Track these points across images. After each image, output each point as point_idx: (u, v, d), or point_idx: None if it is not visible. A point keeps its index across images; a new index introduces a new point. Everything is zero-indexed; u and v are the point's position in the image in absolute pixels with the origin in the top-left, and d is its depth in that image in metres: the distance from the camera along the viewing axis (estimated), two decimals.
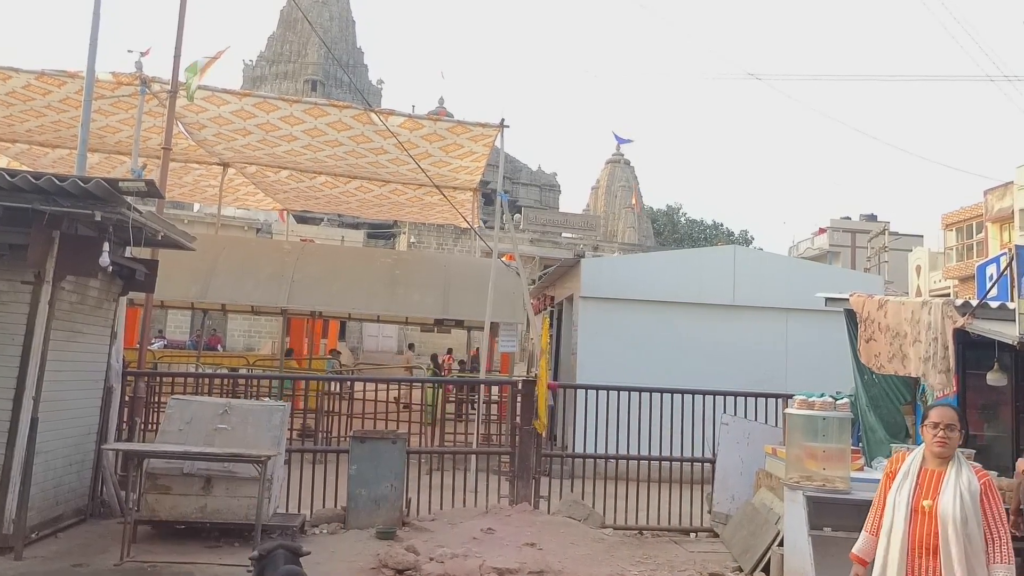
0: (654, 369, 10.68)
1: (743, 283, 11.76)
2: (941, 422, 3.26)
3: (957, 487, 3.18)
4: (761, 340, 11.54)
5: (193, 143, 12.13)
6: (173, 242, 6.89)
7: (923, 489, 3.25)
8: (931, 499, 3.20)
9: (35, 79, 9.71)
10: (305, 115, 10.51)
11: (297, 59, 50.34)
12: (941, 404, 3.49)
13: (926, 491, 3.24)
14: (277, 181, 14.74)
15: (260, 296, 11.70)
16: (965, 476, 3.21)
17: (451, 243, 33.92)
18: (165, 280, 10.21)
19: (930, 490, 3.23)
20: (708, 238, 52.58)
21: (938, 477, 3.24)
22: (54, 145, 12.73)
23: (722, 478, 7.83)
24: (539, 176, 52.63)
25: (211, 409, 6.73)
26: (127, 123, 11.06)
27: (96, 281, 6.60)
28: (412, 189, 14.35)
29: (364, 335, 31.77)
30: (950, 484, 3.20)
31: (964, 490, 3.17)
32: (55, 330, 6.00)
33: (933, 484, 3.24)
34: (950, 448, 3.25)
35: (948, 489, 3.19)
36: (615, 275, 11.85)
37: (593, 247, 35.20)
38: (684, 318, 11.58)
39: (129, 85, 9.66)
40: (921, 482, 3.27)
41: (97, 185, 5.32)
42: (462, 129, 11.07)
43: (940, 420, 3.27)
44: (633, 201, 42.44)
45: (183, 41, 8.77)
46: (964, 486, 3.18)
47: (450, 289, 12.16)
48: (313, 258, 12.74)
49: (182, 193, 17.10)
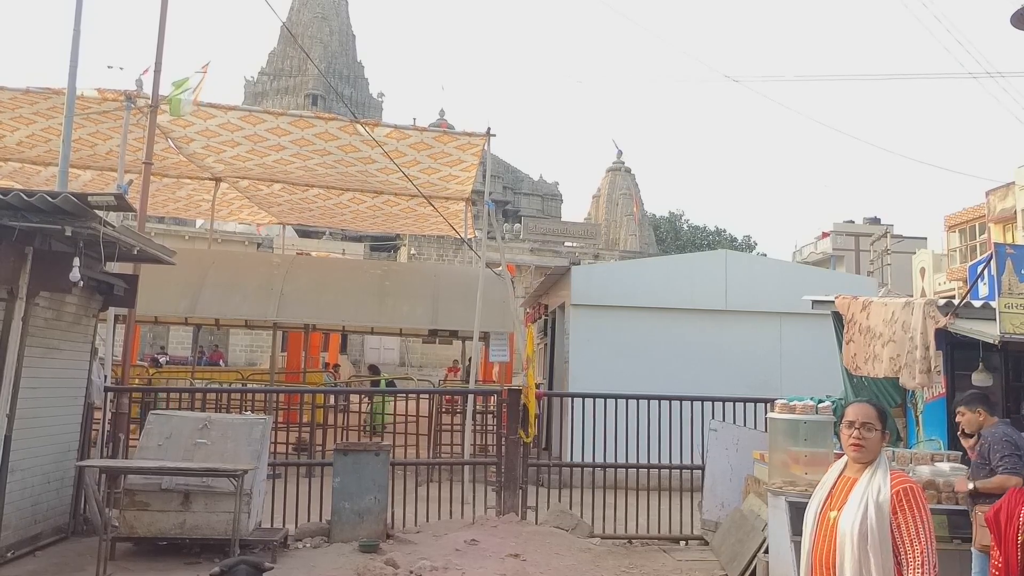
0: (647, 376, 10.60)
1: (735, 288, 11.68)
2: (856, 420, 2.81)
3: (864, 496, 2.69)
4: (755, 345, 11.45)
5: (184, 157, 12.15)
6: (151, 256, 6.85)
7: (833, 499, 2.81)
8: (837, 510, 2.75)
9: (21, 95, 9.74)
10: (291, 127, 10.52)
11: (298, 74, 50.60)
12: (858, 401, 2.96)
13: (835, 501, 2.80)
14: (270, 194, 14.75)
15: (250, 309, 11.68)
16: (876, 484, 2.70)
17: (451, 254, 33.89)
18: (156, 294, 10.24)
19: (839, 500, 2.78)
20: (711, 244, 52.45)
21: (851, 485, 2.78)
22: (46, 163, 12.76)
23: (711, 485, 7.73)
24: (541, 186, 52.69)
25: (191, 424, 6.68)
26: (118, 144, 11.08)
27: (73, 297, 6.57)
28: (405, 200, 14.32)
29: (366, 348, 31.74)
30: (857, 492, 2.73)
31: (871, 500, 2.67)
32: (30, 347, 5.96)
33: (845, 493, 2.78)
34: (868, 451, 2.78)
35: (854, 498, 2.72)
36: (606, 282, 11.78)
37: (594, 256, 35.14)
38: (676, 324, 11.50)
39: (114, 101, 9.68)
40: (834, 490, 2.83)
41: (66, 200, 5.29)
42: (449, 138, 11.05)
43: (855, 418, 2.82)
44: (634, 208, 42.38)
45: (163, 56, 8.75)
46: (872, 495, 2.68)
47: (440, 299, 12.11)
48: (303, 271, 12.72)
49: (176, 208, 17.13)
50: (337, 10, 52.87)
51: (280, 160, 11.73)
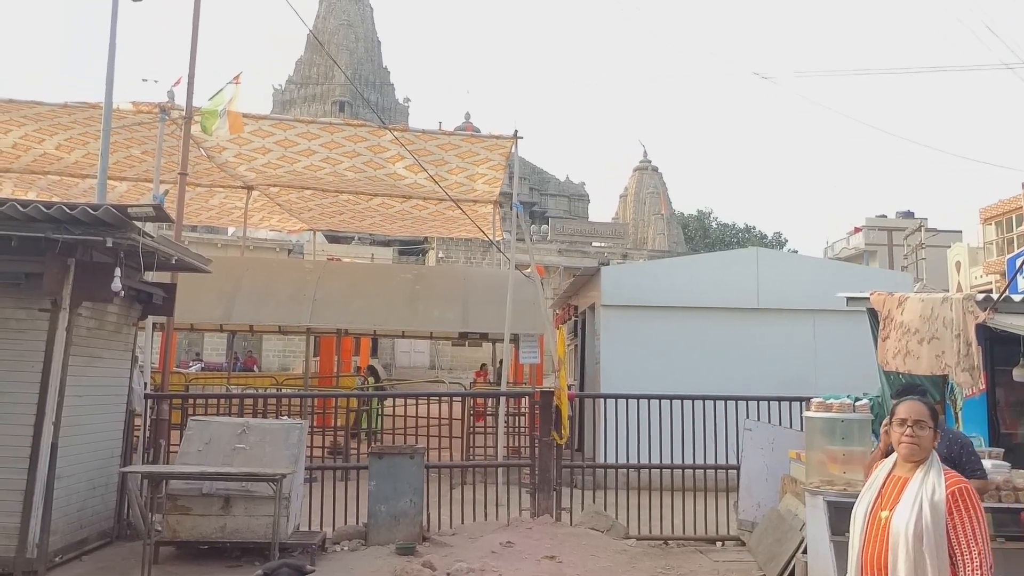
0: (679, 376, 10.55)
1: (767, 286, 11.57)
2: (909, 418, 2.76)
3: (918, 496, 2.63)
4: (788, 343, 11.34)
5: (216, 166, 12.35)
6: (188, 265, 6.99)
7: (884, 499, 2.75)
8: (888, 509, 2.69)
9: (59, 108, 9.98)
10: (321, 131, 10.70)
11: (325, 81, 51.13)
12: (910, 399, 2.90)
13: (886, 500, 2.73)
14: (300, 200, 14.94)
15: (284, 315, 11.83)
16: (931, 483, 2.65)
17: (479, 257, 34.01)
18: (192, 302, 10.41)
19: (890, 499, 2.72)
20: (740, 241, 52.00)
21: (903, 484, 2.72)
22: (83, 175, 13.04)
23: (747, 485, 7.67)
24: (567, 186, 52.65)
25: (230, 429, 6.80)
26: (150, 153, 11.29)
27: (114, 307, 6.72)
28: (433, 204, 14.42)
29: (396, 351, 31.96)
30: (911, 492, 2.66)
31: (925, 500, 2.61)
32: (74, 356, 6.11)
33: (896, 492, 2.72)
34: (921, 449, 2.73)
35: (907, 498, 2.66)
36: (636, 282, 11.74)
37: (622, 255, 35.03)
38: (708, 323, 11.43)
39: (149, 113, 9.88)
40: (884, 490, 2.77)
41: (106, 212, 5.43)
42: (477, 141, 11.14)
43: (908, 416, 2.76)
44: (662, 207, 42.19)
45: (196, 69, 8.92)
46: (927, 495, 2.62)
47: (470, 302, 12.16)
48: (335, 276, 12.85)
49: (209, 217, 17.39)
50: (363, 17, 53.32)
51: (310, 166, 11.87)
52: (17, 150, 11.54)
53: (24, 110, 9.93)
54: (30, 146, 11.40)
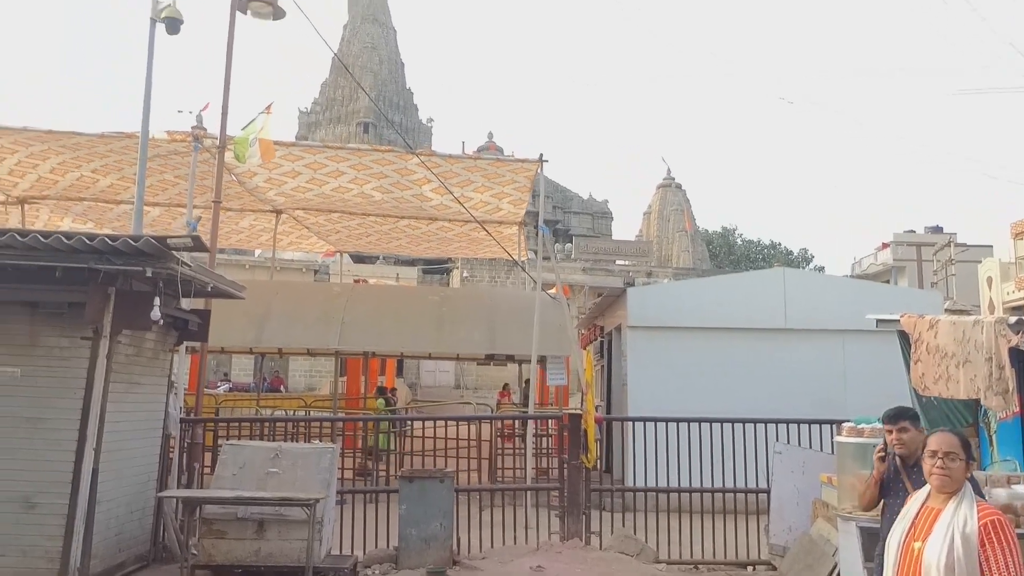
0: (707, 397, 10.53)
1: (795, 306, 11.53)
2: (939, 450, 2.80)
3: (950, 527, 2.66)
4: (817, 364, 11.27)
5: (247, 191, 12.59)
6: (223, 292, 7.14)
7: (917, 530, 2.79)
8: (921, 540, 2.73)
9: (97, 139, 10.26)
10: (350, 155, 10.91)
11: (349, 103, 51.81)
12: (940, 430, 2.95)
13: (919, 531, 2.77)
14: (328, 223, 15.16)
15: (313, 339, 11.99)
16: (963, 514, 2.67)
17: (503, 276, 34.11)
18: (223, 326, 10.57)
19: (923, 530, 2.75)
20: (766, 258, 51.67)
21: (935, 516, 2.75)
22: (117, 200, 13.34)
23: (778, 508, 7.62)
24: (590, 204, 52.69)
25: (263, 453, 6.90)
26: (182, 177, 11.56)
27: (152, 334, 6.88)
28: (459, 225, 14.57)
29: (421, 371, 32.06)
30: (943, 524, 2.69)
31: (957, 531, 2.63)
32: (113, 382, 6.25)
33: (928, 523, 2.75)
34: (953, 481, 2.76)
35: (939, 529, 2.69)
36: (662, 303, 11.76)
37: (647, 273, 34.97)
38: (735, 344, 11.40)
39: (182, 142, 10.13)
40: (918, 521, 2.81)
41: (146, 243, 5.58)
42: (502, 165, 11.28)
43: (938, 448, 2.81)
44: (685, 224, 42.09)
45: (229, 100, 9.10)
46: (958, 526, 2.64)
47: (496, 324, 12.25)
48: (363, 299, 13.01)
49: (239, 240, 17.68)
50: (386, 40, 54.02)
51: (338, 187, 12.06)
52: (55, 175, 11.85)
53: (63, 140, 10.23)
54: (67, 171, 11.71)
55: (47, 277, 5.79)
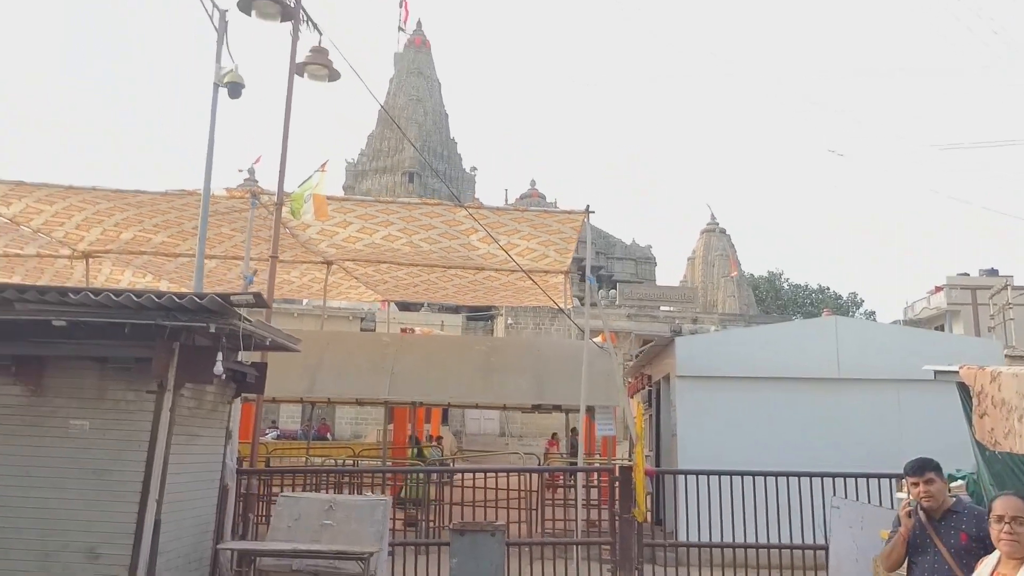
0: (759, 448, 10.37)
1: (848, 355, 11.34)
2: (1006, 514, 2.76)
3: None
4: (872, 414, 11.03)
5: (299, 243, 12.94)
6: (280, 345, 7.33)
7: None
8: None
9: (160, 197, 10.69)
10: (400, 207, 11.19)
11: (395, 153, 53.00)
12: (1005, 494, 2.92)
13: None
14: (376, 273, 15.47)
15: (363, 389, 12.15)
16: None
17: (548, 323, 34.13)
18: (276, 377, 10.77)
19: None
20: (814, 303, 50.84)
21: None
22: (174, 254, 13.81)
23: (836, 565, 7.43)
24: (633, 250, 52.65)
25: (317, 505, 7.00)
26: (238, 230, 11.96)
27: (212, 387, 7.07)
28: (505, 275, 14.73)
29: (466, 418, 32.05)
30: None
31: None
32: (176, 434, 6.43)
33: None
34: (1022, 546, 2.72)
35: None
36: (711, 352, 11.66)
37: (692, 319, 34.65)
38: (787, 394, 11.23)
39: (241, 199, 10.51)
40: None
41: (211, 300, 5.79)
42: (548, 215, 11.44)
43: (1004, 512, 2.77)
44: (731, 269, 41.74)
45: (287, 159, 9.45)
46: None
47: (544, 373, 12.27)
48: (412, 349, 13.17)
49: (290, 290, 18.10)
50: (431, 92, 55.36)
51: (388, 236, 12.31)
52: (118, 229, 12.34)
53: (128, 198, 10.69)
54: (129, 226, 12.19)
55: (116, 333, 6.03)
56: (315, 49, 9.64)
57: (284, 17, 8.85)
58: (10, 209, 10.90)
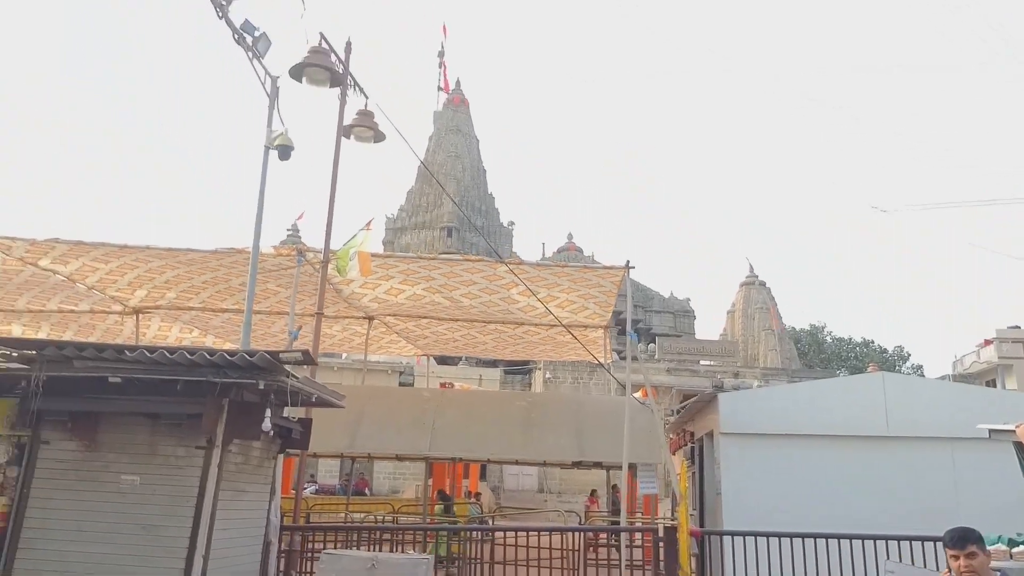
0: (806, 508, 10.10)
1: (897, 411, 11.07)
2: None
3: None
4: (924, 474, 10.69)
5: (342, 298, 13.16)
6: (325, 402, 7.43)
7: None
8: None
9: (210, 255, 11.01)
10: (442, 263, 11.37)
11: (434, 208, 53.86)
12: None
13: None
14: (417, 328, 15.62)
15: (403, 445, 12.16)
16: None
17: (586, 377, 33.91)
18: (317, 432, 10.86)
19: None
20: (858, 357, 49.79)
21: None
22: (221, 309, 14.12)
23: None
24: (671, 303, 52.36)
25: (359, 563, 6.98)
26: (283, 286, 12.23)
27: (258, 442, 7.16)
28: (544, 329, 14.77)
29: (504, 474, 31.75)
30: None
31: None
32: (223, 490, 6.51)
33: None
34: None
35: None
36: (755, 408, 11.47)
37: (733, 374, 34.15)
38: (835, 452, 10.96)
39: (287, 256, 10.78)
40: None
41: (261, 358, 5.93)
42: (588, 270, 11.52)
43: None
44: (772, 322, 41.20)
45: (333, 219, 9.67)
46: None
47: (585, 430, 12.17)
48: (452, 405, 13.18)
49: (331, 344, 18.32)
50: (469, 148, 56.41)
51: (429, 288, 12.47)
52: (168, 285, 12.70)
53: (179, 256, 11.03)
54: (179, 283, 12.54)
55: (169, 389, 6.18)
56: (361, 112, 9.96)
57: (333, 83, 9.19)
58: (67, 267, 11.30)
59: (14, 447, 6.42)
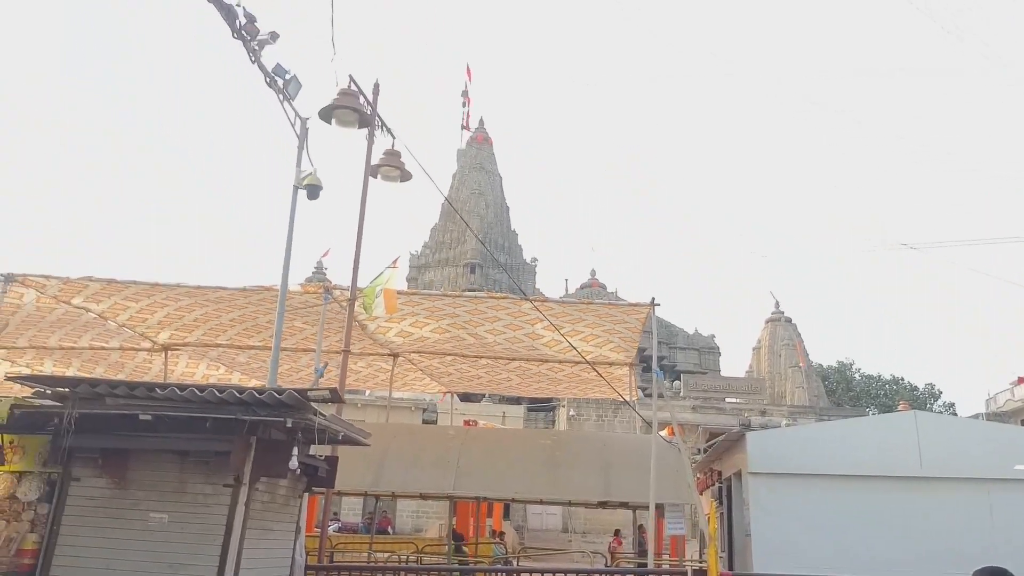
0: (839, 551, 9.90)
1: (930, 451, 10.85)
2: None
3: None
4: (960, 515, 10.44)
5: (367, 335, 13.22)
6: (351, 440, 7.43)
7: None
8: None
9: (238, 292, 11.15)
10: (467, 301, 11.41)
11: (457, 245, 54.22)
12: None
13: None
14: (441, 365, 15.63)
15: (427, 483, 12.09)
16: None
17: (611, 415, 33.62)
18: (342, 470, 10.84)
19: None
20: (888, 395, 48.92)
21: None
22: (247, 346, 14.24)
23: None
24: (696, 339, 51.97)
25: None
26: (309, 323, 12.32)
27: (285, 480, 7.17)
28: (569, 367, 14.71)
29: (528, 513, 31.40)
30: None
31: None
32: (249, 528, 6.50)
33: None
34: None
35: None
36: (784, 447, 11.31)
37: (760, 411, 33.68)
38: (866, 493, 10.74)
39: (314, 294, 10.88)
40: None
41: (289, 395, 5.96)
42: (613, 307, 11.49)
43: None
44: (798, 359, 40.68)
45: (360, 253, 9.77)
46: None
47: (611, 469, 12.03)
48: (476, 443, 13.11)
49: (356, 380, 18.37)
50: (492, 186, 56.90)
51: (453, 324, 12.50)
52: (197, 323, 12.85)
53: (209, 294, 11.17)
54: (207, 320, 12.68)
55: (198, 427, 6.23)
56: (388, 152, 10.11)
57: (361, 124, 9.35)
58: (99, 306, 11.49)
59: (45, 484, 6.48)
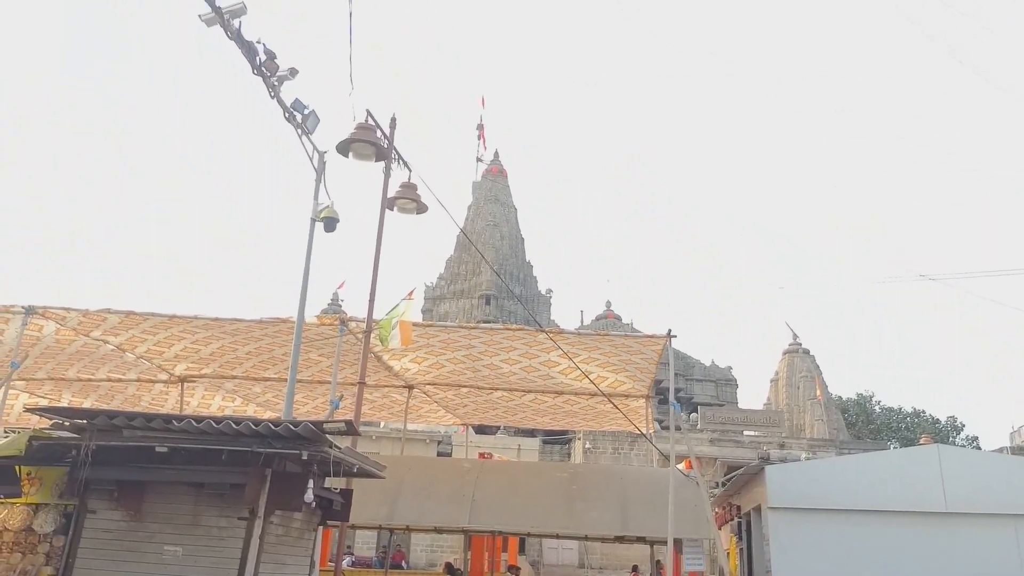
0: None
1: (954, 486, 10.64)
2: None
3: None
4: (987, 552, 10.21)
5: (382, 366, 13.21)
6: (366, 472, 7.39)
7: None
8: None
9: (255, 324, 11.20)
10: (483, 332, 11.39)
11: (472, 276, 54.32)
12: None
13: None
14: (456, 397, 15.56)
15: (443, 517, 11.98)
16: None
17: (627, 448, 33.28)
18: (356, 503, 10.77)
19: None
20: (909, 427, 48.18)
21: None
22: (262, 378, 14.27)
23: None
24: (713, 371, 51.56)
25: None
26: (325, 355, 12.33)
27: (300, 514, 7.13)
28: (585, 399, 14.60)
29: (544, 548, 30.98)
30: None
31: None
32: (263, 563, 6.45)
33: None
34: None
35: None
36: (804, 482, 11.13)
37: (779, 444, 33.21)
38: (888, 528, 10.54)
39: (330, 326, 10.91)
40: None
41: (305, 428, 5.95)
42: (630, 339, 11.44)
43: None
44: (817, 392, 40.20)
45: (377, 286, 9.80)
46: None
47: (628, 503, 11.86)
48: (492, 476, 12.99)
49: (371, 411, 18.33)
50: (507, 218, 57.15)
51: (469, 355, 12.47)
52: (214, 356, 12.90)
53: (226, 326, 11.23)
54: (224, 353, 12.73)
55: (214, 459, 6.22)
56: (405, 184, 10.18)
57: (378, 157, 9.44)
58: (117, 338, 11.57)
59: (61, 516, 6.48)
